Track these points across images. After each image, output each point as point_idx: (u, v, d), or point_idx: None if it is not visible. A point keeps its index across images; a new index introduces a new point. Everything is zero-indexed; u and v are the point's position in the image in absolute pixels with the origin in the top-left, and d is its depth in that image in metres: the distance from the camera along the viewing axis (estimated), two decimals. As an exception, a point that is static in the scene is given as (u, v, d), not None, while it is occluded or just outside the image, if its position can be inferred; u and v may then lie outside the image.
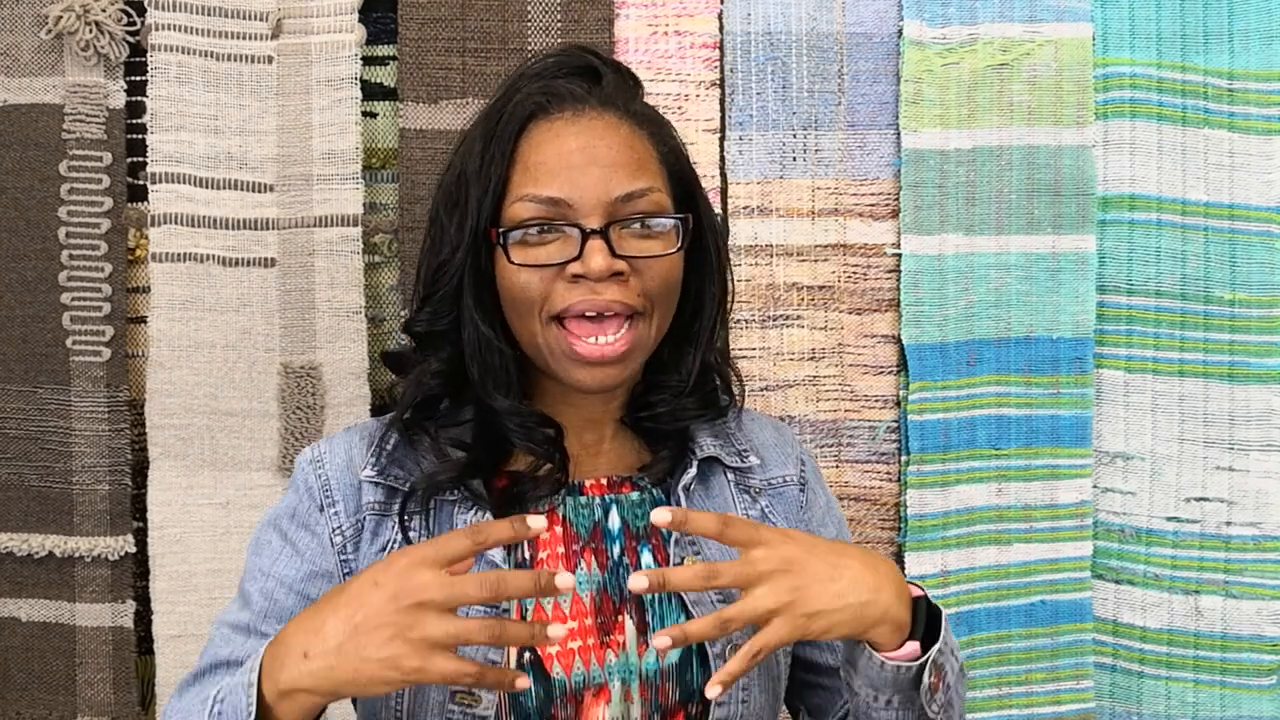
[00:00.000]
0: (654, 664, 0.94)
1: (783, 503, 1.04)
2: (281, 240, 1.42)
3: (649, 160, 0.95)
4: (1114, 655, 1.49)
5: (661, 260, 0.93)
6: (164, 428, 1.41)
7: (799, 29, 1.45)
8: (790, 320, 1.47)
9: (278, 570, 0.95)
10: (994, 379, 1.47)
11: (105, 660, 1.44)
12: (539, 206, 0.91)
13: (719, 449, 1.02)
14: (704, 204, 1.01)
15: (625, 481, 1.00)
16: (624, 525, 0.99)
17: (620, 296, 0.91)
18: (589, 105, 0.95)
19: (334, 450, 0.99)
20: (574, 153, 0.92)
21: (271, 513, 0.99)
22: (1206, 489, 1.47)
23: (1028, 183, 1.46)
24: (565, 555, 0.96)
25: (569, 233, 0.91)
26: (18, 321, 1.42)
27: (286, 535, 0.97)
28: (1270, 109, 1.46)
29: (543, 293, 0.91)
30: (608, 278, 0.90)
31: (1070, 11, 1.46)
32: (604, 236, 0.90)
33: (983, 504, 1.47)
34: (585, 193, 0.91)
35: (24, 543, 1.42)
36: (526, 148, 0.93)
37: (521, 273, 0.92)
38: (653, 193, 0.93)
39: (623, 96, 0.97)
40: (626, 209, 0.92)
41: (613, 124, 0.94)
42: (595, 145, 0.92)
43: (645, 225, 0.93)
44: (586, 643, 0.94)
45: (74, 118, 1.41)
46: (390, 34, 1.44)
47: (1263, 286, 1.46)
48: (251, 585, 0.96)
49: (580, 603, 0.95)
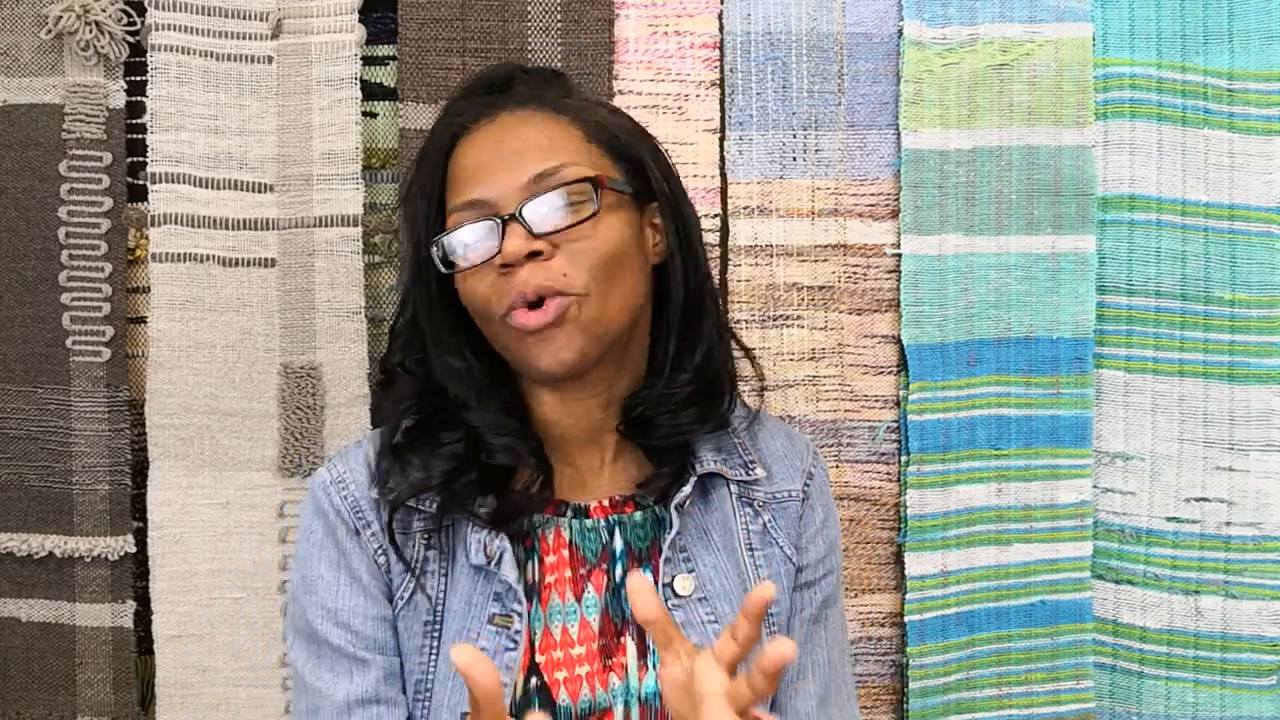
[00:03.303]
0: (653, 687, 0.94)
1: (785, 518, 1.02)
2: (281, 240, 1.42)
3: (565, 139, 0.93)
4: (1114, 655, 1.49)
5: (583, 229, 0.90)
6: (164, 428, 1.41)
7: (799, 29, 1.45)
8: (790, 320, 1.47)
9: (343, 602, 0.93)
10: (994, 379, 1.47)
11: (105, 660, 1.43)
12: (466, 213, 0.92)
13: (721, 463, 1.00)
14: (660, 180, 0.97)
15: (628, 501, 0.99)
16: (627, 546, 0.97)
17: (541, 278, 0.89)
18: (502, 109, 0.95)
19: (353, 468, 0.97)
20: (484, 150, 0.93)
21: (306, 546, 0.97)
22: (1206, 489, 1.47)
23: (1027, 183, 1.46)
24: (572, 579, 0.96)
25: (491, 227, 0.90)
26: (18, 321, 1.42)
27: (339, 564, 0.94)
28: (1270, 109, 1.46)
29: (486, 295, 0.91)
30: (525, 260, 0.88)
31: (1070, 11, 1.46)
32: (519, 220, 0.89)
33: (983, 504, 1.47)
34: (500, 184, 0.90)
35: (24, 543, 1.42)
36: (452, 170, 0.95)
37: (467, 280, 0.92)
38: (568, 167, 0.91)
39: (538, 92, 0.97)
40: (540, 188, 0.90)
41: (525, 117, 0.94)
42: (505, 139, 0.92)
43: (566, 200, 0.90)
44: (592, 667, 0.93)
45: (74, 118, 1.41)
46: (390, 34, 1.44)
47: (1263, 286, 1.46)
48: (322, 623, 0.94)
49: (588, 627, 0.94)
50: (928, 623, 1.46)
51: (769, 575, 0.99)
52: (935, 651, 1.46)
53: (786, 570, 1.01)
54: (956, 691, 1.47)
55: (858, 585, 1.48)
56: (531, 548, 0.96)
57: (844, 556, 1.47)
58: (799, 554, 1.02)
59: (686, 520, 0.97)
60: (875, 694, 1.49)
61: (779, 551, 1.01)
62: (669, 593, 0.95)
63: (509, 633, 0.91)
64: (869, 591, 1.49)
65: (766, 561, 1.00)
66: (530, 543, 0.96)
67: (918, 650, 1.45)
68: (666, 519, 0.97)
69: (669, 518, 0.96)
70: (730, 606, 0.96)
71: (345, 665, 0.93)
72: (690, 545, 0.98)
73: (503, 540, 0.93)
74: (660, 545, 0.97)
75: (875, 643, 1.49)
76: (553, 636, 0.94)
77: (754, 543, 1.00)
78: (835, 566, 1.06)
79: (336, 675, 0.93)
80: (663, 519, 0.98)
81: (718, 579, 0.97)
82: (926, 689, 1.46)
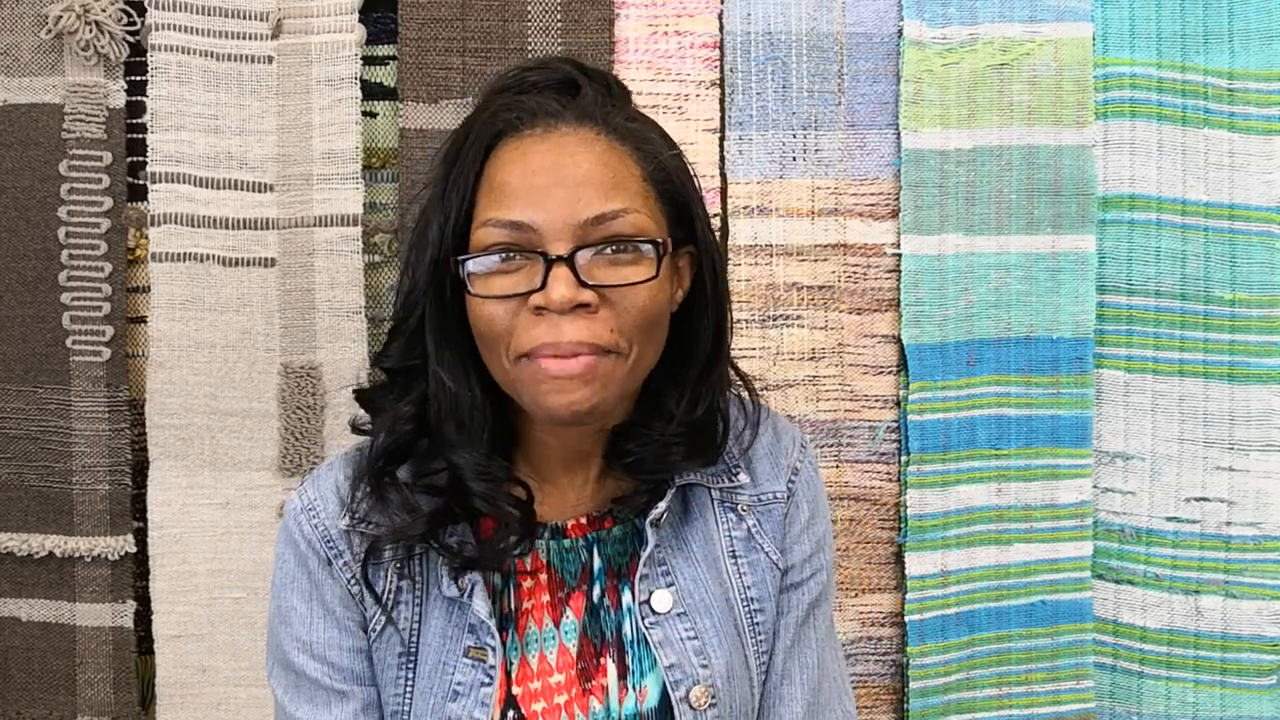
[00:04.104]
0: (633, 708, 0.92)
1: (770, 520, 0.98)
2: (281, 240, 1.42)
3: (627, 179, 0.85)
4: (1114, 655, 1.49)
5: (638, 290, 0.84)
6: (164, 428, 1.41)
7: (799, 29, 1.45)
8: (790, 320, 1.47)
9: (317, 635, 0.92)
10: (994, 379, 1.47)
11: (105, 660, 1.44)
12: (502, 231, 0.83)
13: (702, 474, 0.96)
14: (703, 230, 0.91)
15: (606, 516, 0.95)
16: (606, 564, 0.94)
17: (587, 335, 0.82)
18: (563, 121, 0.86)
19: (324, 495, 0.93)
20: (539, 172, 0.83)
21: (280, 575, 0.94)
22: (1206, 489, 1.47)
23: (1028, 183, 1.46)
24: (550, 604, 0.93)
25: (533, 260, 0.83)
26: (18, 321, 1.42)
27: (310, 596, 0.92)
28: (1270, 109, 1.46)
29: (508, 327, 0.84)
30: (570, 310, 0.81)
31: (1070, 11, 1.46)
32: (569, 264, 0.81)
33: (983, 504, 1.47)
34: (551, 215, 0.82)
35: (24, 543, 1.42)
36: (493, 169, 0.86)
37: (486, 305, 0.84)
38: (629, 214, 0.84)
39: (603, 109, 0.88)
40: (597, 233, 0.83)
41: (587, 139, 0.85)
42: (564, 163, 0.84)
43: (619, 251, 0.83)
44: (570, 694, 0.91)
45: (74, 117, 1.41)
46: (390, 34, 1.44)
47: (1263, 286, 1.46)
48: (298, 655, 0.92)
49: (567, 653, 0.92)
50: (928, 623, 1.46)
51: (752, 583, 0.96)
52: (935, 651, 1.46)
53: (772, 576, 0.97)
54: (956, 691, 1.47)
55: (858, 585, 1.48)
56: (509, 573, 0.93)
57: (844, 556, 1.47)
58: (784, 556, 0.98)
59: (665, 533, 0.94)
60: (875, 694, 1.49)
61: (764, 557, 0.97)
62: (646, 610, 0.92)
63: (484, 666, 0.89)
64: (869, 591, 1.49)
65: (750, 568, 0.96)
66: (507, 567, 0.92)
67: (918, 650, 1.45)
68: (643, 535, 0.93)
69: (645, 535, 0.93)
70: (710, 620, 0.93)
71: (324, 697, 0.92)
72: (669, 559, 0.94)
73: (474, 574, 0.90)
74: (639, 561, 0.93)
75: (875, 643, 1.49)
76: (530, 666, 0.91)
77: (737, 549, 0.96)
78: (824, 564, 1.01)
79: (315, 707, 0.92)
80: (640, 534, 0.94)
81: (697, 592, 0.94)
82: (926, 689, 1.46)
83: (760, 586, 0.96)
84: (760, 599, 0.96)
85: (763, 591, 0.96)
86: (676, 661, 0.91)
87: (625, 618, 0.93)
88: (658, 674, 0.91)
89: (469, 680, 0.90)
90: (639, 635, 0.92)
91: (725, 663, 0.93)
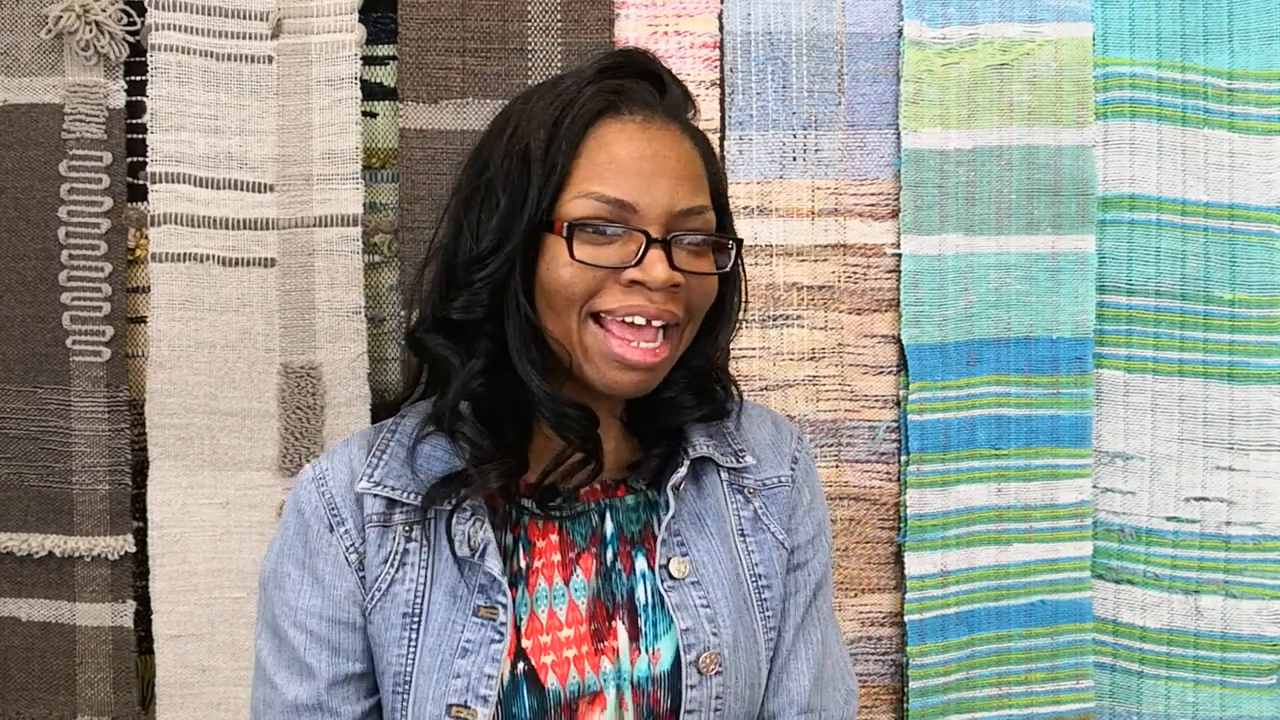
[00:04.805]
0: (646, 670, 0.94)
1: (775, 503, 1.04)
2: (281, 240, 1.42)
3: (703, 179, 0.96)
4: (1114, 655, 1.50)
5: (713, 279, 0.96)
6: (164, 428, 1.41)
7: (799, 29, 1.45)
8: (790, 320, 1.47)
9: (303, 602, 0.95)
10: (994, 379, 1.47)
11: (105, 660, 1.44)
12: (604, 206, 0.90)
13: (713, 449, 1.02)
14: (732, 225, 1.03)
15: (620, 484, 1.00)
16: (618, 530, 0.98)
17: (675, 309, 0.92)
18: (658, 114, 0.95)
19: (335, 466, 0.98)
20: (646, 159, 0.91)
21: (280, 541, 0.98)
22: (1206, 489, 1.47)
23: (1027, 183, 1.46)
24: (561, 563, 0.96)
25: (631, 237, 0.90)
26: (18, 321, 1.42)
27: (304, 564, 0.96)
28: (1270, 109, 1.46)
29: (590, 290, 0.91)
30: (665, 289, 0.91)
31: (1070, 11, 1.46)
32: (666, 248, 0.91)
33: (982, 504, 1.47)
34: (653, 200, 0.91)
35: (24, 543, 1.42)
36: (594, 144, 0.92)
37: (575, 268, 0.90)
38: (707, 212, 0.94)
39: (683, 111, 0.98)
40: (685, 224, 0.92)
41: (678, 137, 0.95)
42: (665, 155, 0.92)
43: (704, 243, 0.94)
44: (581, 650, 0.94)
45: (74, 118, 1.41)
46: (390, 34, 1.44)
47: (1263, 286, 1.46)
48: (284, 620, 0.96)
49: (577, 610, 0.95)
50: (928, 622, 1.46)
51: (760, 560, 1.01)
52: (935, 651, 1.46)
53: (779, 555, 1.02)
54: (956, 691, 1.47)
55: (858, 585, 1.48)
56: (519, 536, 0.97)
57: (844, 556, 1.47)
58: (789, 536, 1.04)
59: (680, 505, 0.99)
60: (875, 693, 1.49)
61: (770, 537, 1.02)
62: (664, 574, 0.96)
63: (494, 624, 0.92)
64: (869, 591, 1.49)
65: (759, 547, 1.01)
66: (518, 531, 0.97)
67: (918, 650, 1.45)
68: (660, 502, 0.99)
69: (665, 500, 0.98)
70: (722, 592, 0.97)
71: (299, 667, 0.95)
72: (684, 530, 0.98)
73: (486, 531, 0.93)
74: (653, 529, 0.98)
75: (875, 642, 1.49)
76: (539, 620, 0.94)
77: (746, 529, 1.01)
78: (824, 546, 1.07)
79: (290, 675, 0.95)
80: (655, 503, 1.00)
81: (710, 563, 0.98)
82: (926, 688, 1.46)
83: (768, 564, 1.01)
84: (768, 575, 1.01)
85: (770, 569, 1.01)
86: (691, 626, 0.94)
87: (639, 582, 0.97)
88: (671, 637, 0.94)
89: (478, 638, 0.92)
90: (653, 600, 0.96)
91: (733, 633, 0.96)
